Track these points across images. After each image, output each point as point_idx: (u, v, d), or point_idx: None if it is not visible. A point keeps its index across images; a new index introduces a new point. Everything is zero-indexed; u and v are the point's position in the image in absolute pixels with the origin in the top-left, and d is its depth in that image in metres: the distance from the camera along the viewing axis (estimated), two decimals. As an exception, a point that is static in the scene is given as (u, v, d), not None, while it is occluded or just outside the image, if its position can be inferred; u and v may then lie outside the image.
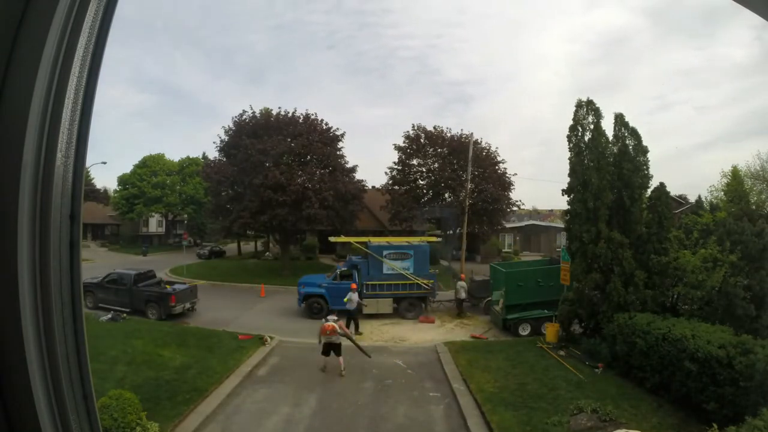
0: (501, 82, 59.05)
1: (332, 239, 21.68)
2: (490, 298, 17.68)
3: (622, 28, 54.35)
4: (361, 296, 17.46)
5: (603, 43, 55.95)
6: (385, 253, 17.84)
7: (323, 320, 12.01)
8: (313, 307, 17.35)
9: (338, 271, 18.04)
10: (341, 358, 11.70)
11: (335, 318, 12.10)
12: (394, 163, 29.36)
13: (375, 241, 19.19)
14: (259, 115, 27.47)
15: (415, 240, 20.13)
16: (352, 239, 20.12)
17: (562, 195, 14.54)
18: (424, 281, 17.71)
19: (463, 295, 18.11)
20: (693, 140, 52.72)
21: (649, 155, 13.64)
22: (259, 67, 58.45)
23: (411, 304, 17.77)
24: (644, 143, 13.74)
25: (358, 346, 12.29)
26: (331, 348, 11.66)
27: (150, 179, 39.70)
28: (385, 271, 17.64)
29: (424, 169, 29.30)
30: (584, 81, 55.43)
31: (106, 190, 52.95)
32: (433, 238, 24.06)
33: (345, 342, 11.90)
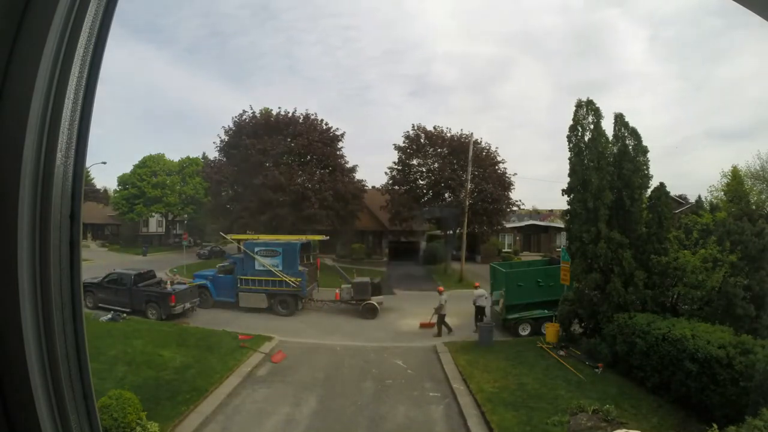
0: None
1: (223, 235, 22.56)
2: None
3: (493, 59, 52.83)
4: (236, 291, 17.97)
5: (495, 65, 55.20)
6: (256, 249, 18.07)
7: None
8: (200, 296, 17.99)
9: (222, 266, 18.95)
10: None
11: None
12: (394, 163, 29.32)
13: (263, 238, 19.53)
14: (259, 115, 27.49)
15: (292, 238, 19.75)
16: (236, 236, 21.14)
17: (563, 195, 14.55)
18: (292, 279, 17.59)
19: (484, 302, 16.38)
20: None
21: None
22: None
23: (283, 301, 17.81)
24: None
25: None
26: None
27: (150, 179, 39.67)
28: (256, 267, 17.84)
29: (424, 169, 29.26)
30: (495, 98, 54.73)
31: (106, 190, 52.93)
32: (318, 237, 21.95)
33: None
